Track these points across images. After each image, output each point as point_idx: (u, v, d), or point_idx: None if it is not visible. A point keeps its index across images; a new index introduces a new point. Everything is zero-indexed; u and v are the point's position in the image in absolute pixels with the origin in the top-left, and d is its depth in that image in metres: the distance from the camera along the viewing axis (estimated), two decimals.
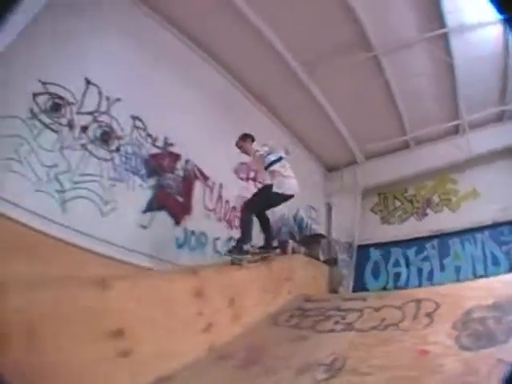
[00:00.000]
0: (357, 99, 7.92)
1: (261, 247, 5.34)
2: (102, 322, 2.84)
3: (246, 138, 5.54)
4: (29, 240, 4.24)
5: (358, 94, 7.79)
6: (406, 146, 9.61)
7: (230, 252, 4.91)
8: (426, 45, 6.80)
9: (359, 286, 9.60)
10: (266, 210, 5.46)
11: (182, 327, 3.58)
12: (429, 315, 3.63)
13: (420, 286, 8.82)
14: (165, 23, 6.42)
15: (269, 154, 5.27)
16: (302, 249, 8.08)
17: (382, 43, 6.71)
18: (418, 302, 3.97)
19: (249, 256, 4.90)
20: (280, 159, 5.28)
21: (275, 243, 5.69)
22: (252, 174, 7.82)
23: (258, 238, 5.37)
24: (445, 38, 6.66)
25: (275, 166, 5.19)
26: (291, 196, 5.34)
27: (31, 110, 4.66)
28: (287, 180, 5.16)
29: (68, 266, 4.22)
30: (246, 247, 4.85)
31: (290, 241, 8.06)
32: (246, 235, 4.91)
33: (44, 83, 4.78)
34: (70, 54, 5.03)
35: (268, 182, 5.29)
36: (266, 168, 5.26)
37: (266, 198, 5.22)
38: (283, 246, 7.47)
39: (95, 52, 5.39)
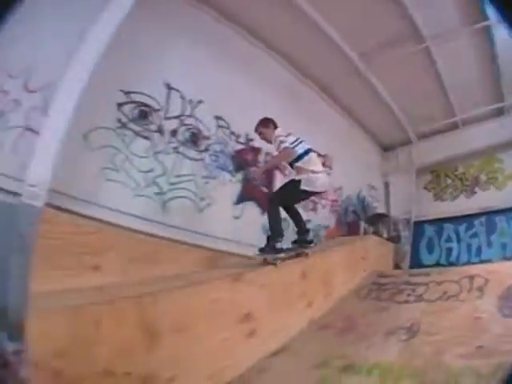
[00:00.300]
0: (410, 85, 8.30)
1: (294, 242, 4.77)
2: (234, 310, 3.34)
3: (267, 122, 4.71)
4: (135, 242, 4.53)
5: (412, 81, 8.18)
6: (455, 126, 9.82)
7: (261, 251, 4.30)
8: (471, 35, 7.08)
9: (415, 261, 9.79)
10: (293, 205, 4.87)
11: (290, 306, 4.14)
12: (480, 289, 4.27)
13: (469, 261, 9.00)
14: (233, 25, 6.60)
15: (294, 145, 4.54)
16: (371, 229, 8.56)
17: (432, 35, 7.07)
18: (471, 277, 4.57)
19: (282, 255, 4.37)
20: (308, 152, 4.63)
21: (310, 237, 5.00)
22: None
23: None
24: (487, 28, 6.88)
25: (302, 161, 4.56)
26: (321, 192, 4.98)
27: (119, 120, 4.89)
28: (317, 176, 4.56)
29: (179, 262, 4.70)
30: (278, 245, 4.32)
31: (361, 222, 8.53)
32: (275, 232, 4.36)
33: (126, 93, 5.00)
34: (147, 62, 5.15)
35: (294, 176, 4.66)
36: (292, 163, 4.62)
37: (291, 194, 4.62)
38: (354, 227, 8.09)
39: (171, 57, 5.52)
